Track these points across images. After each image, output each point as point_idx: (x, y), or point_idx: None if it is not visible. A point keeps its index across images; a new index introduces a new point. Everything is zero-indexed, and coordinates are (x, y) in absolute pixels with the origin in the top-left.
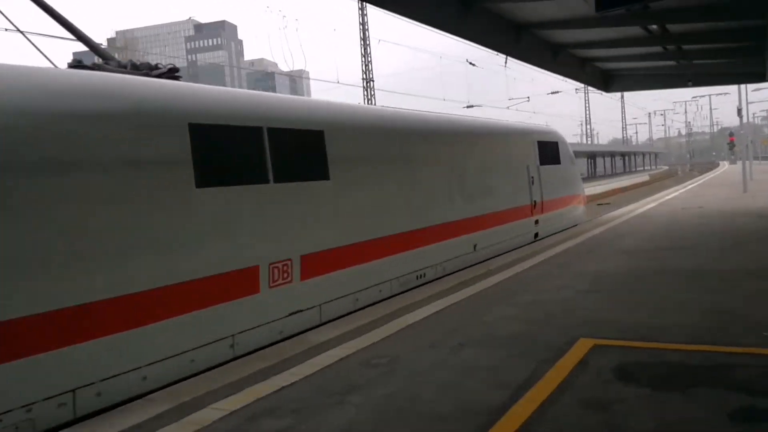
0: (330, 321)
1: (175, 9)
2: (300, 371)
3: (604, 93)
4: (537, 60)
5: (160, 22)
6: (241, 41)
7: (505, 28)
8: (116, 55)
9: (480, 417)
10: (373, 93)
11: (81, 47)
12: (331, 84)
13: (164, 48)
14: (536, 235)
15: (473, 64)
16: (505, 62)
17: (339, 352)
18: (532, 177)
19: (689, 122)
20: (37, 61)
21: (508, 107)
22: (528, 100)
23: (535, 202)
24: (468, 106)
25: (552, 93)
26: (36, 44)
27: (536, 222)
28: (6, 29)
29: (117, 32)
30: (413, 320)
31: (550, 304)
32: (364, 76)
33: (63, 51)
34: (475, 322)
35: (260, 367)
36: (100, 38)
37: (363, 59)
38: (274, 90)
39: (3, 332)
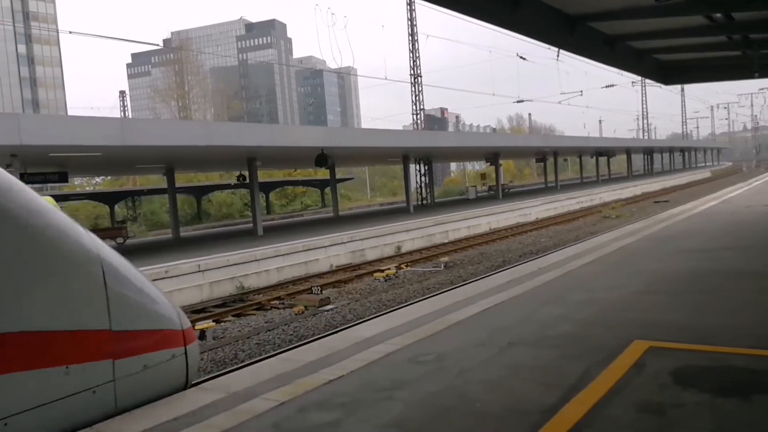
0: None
1: (227, 9)
2: (347, 365)
3: (662, 86)
4: (591, 52)
5: (212, 23)
6: (290, 39)
7: (557, 20)
8: (171, 56)
9: (530, 417)
10: (421, 89)
11: (138, 48)
12: (379, 80)
13: (216, 47)
14: None
15: (524, 58)
16: (557, 55)
17: (385, 347)
18: None
19: (756, 116)
20: (98, 62)
21: (559, 102)
22: (581, 94)
23: None
24: (518, 101)
25: (606, 86)
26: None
27: None
28: (70, 32)
29: (172, 33)
30: (460, 318)
31: (604, 304)
32: (412, 72)
33: (121, 51)
34: (525, 321)
35: (308, 360)
36: (157, 39)
37: (411, 55)
38: (322, 88)
39: None
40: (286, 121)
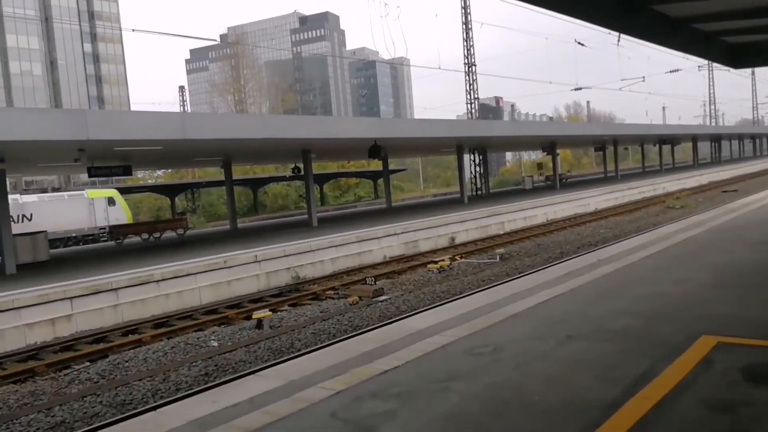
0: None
1: (281, 3)
2: (401, 356)
3: (731, 69)
4: (654, 37)
5: (267, 17)
6: (343, 31)
7: (617, 4)
8: (228, 51)
9: (590, 412)
10: (475, 78)
11: (196, 44)
12: (432, 70)
13: (271, 41)
14: None
15: (582, 44)
16: (618, 41)
17: (440, 339)
18: None
19: None
20: (158, 59)
21: (620, 89)
22: (643, 80)
23: None
24: (576, 89)
25: (671, 72)
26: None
27: None
28: (133, 30)
29: (229, 28)
30: (517, 310)
31: (668, 298)
32: (466, 61)
33: (180, 48)
34: (584, 314)
35: (363, 350)
36: (214, 34)
37: (465, 44)
38: (375, 79)
39: None
40: (339, 112)
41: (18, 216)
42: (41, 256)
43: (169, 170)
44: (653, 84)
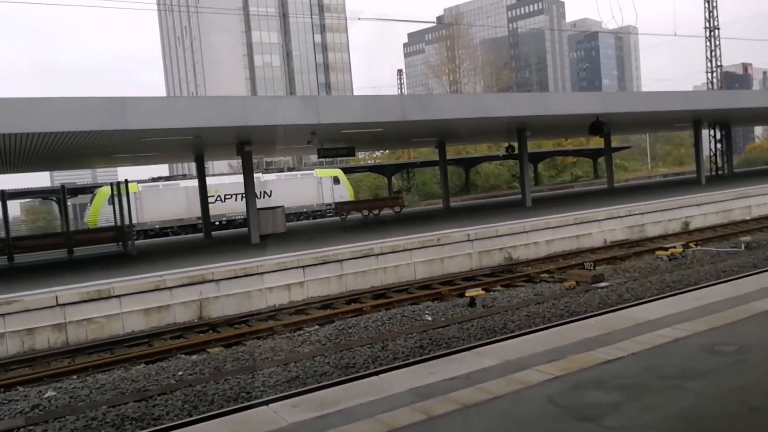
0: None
1: None
2: (627, 347)
3: None
4: None
5: None
6: (562, 3)
7: None
8: (443, 32)
9: None
10: (717, 43)
11: (415, 27)
12: (666, 38)
13: (486, 19)
14: None
15: None
16: None
17: (672, 332)
18: None
19: None
20: (378, 45)
21: None
22: None
23: None
24: None
25: None
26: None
27: None
28: (359, 18)
29: (445, 10)
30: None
31: None
32: (707, 25)
33: (398, 32)
34: None
35: (582, 337)
36: (431, 17)
37: (706, 5)
38: (597, 51)
39: None
40: (557, 88)
41: (260, 192)
42: (279, 229)
43: (386, 151)
44: None
